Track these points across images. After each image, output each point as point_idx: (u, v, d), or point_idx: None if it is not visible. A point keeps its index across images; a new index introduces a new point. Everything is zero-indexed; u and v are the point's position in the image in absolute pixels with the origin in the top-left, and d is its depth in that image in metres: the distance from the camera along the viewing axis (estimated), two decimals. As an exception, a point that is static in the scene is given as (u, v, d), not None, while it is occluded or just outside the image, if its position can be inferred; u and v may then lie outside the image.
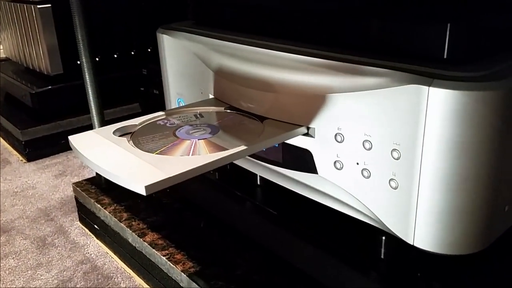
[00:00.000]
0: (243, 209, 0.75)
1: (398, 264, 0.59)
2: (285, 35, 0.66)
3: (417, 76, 0.48)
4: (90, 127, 1.00)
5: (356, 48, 0.57)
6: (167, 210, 0.91)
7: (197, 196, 0.86)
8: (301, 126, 0.59)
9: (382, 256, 0.60)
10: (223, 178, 0.82)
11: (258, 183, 0.79)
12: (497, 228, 0.53)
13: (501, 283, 0.57)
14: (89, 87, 0.94)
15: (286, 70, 0.60)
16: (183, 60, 0.78)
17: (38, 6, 1.36)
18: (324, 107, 0.57)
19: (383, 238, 0.61)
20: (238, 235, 0.79)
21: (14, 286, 0.86)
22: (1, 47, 1.75)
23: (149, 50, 1.55)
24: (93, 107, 0.96)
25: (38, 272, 0.90)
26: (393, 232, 0.54)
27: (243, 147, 0.53)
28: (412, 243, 0.52)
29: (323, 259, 0.63)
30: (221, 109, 0.68)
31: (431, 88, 0.46)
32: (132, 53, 1.55)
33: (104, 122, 0.98)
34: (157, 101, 1.42)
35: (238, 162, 0.75)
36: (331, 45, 0.60)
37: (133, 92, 1.51)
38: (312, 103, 0.58)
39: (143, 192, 0.45)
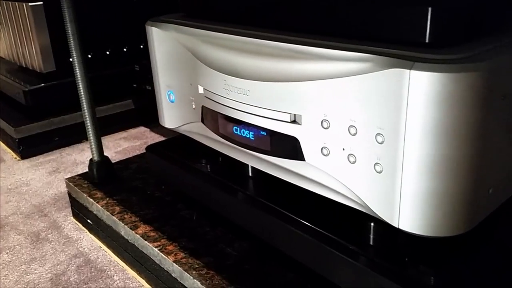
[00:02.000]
0: (234, 200, 0.75)
1: (387, 250, 0.59)
2: (272, 24, 0.67)
3: (398, 60, 0.48)
4: (84, 124, 1.00)
5: (340, 34, 0.58)
6: (159, 203, 0.91)
7: (188, 189, 0.86)
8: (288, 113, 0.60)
9: (371, 242, 0.61)
10: (214, 170, 0.83)
11: (250, 174, 0.80)
12: (482, 210, 0.54)
13: (487, 265, 0.58)
14: (80, 82, 0.95)
15: (272, 58, 0.61)
16: (172, 52, 0.78)
17: (30, 4, 1.36)
18: (310, 94, 0.57)
19: (372, 224, 0.62)
20: (229, 225, 0.79)
21: (8, 281, 0.87)
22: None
23: (141, 46, 1.55)
24: (84, 102, 0.96)
25: (32, 267, 0.90)
26: (378, 216, 0.55)
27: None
28: (397, 226, 0.53)
29: (312, 247, 0.63)
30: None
31: (412, 71, 0.47)
32: (125, 49, 1.55)
33: (95, 118, 0.99)
34: (149, 97, 1.43)
35: (228, 153, 0.76)
36: (315, 32, 0.60)
37: (126, 89, 1.51)
38: (298, 90, 0.58)
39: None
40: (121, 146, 1.43)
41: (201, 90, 0.73)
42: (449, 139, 0.48)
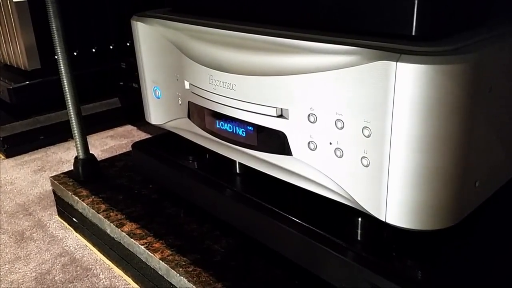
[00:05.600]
0: (220, 197, 0.75)
1: (375, 244, 0.59)
2: (258, 18, 0.66)
3: (384, 53, 0.48)
4: (69, 122, 0.99)
5: (326, 27, 0.58)
6: (145, 200, 0.90)
7: (175, 186, 0.86)
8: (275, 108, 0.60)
9: (359, 237, 0.61)
10: (201, 167, 0.82)
11: (237, 171, 0.79)
12: (468, 203, 0.54)
13: (474, 258, 0.58)
14: (64, 78, 0.93)
15: (258, 52, 0.60)
16: (158, 47, 0.77)
17: (14, 1, 1.34)
18: (296, 88, 0.57)
19: (360, 218, 0.61)
20: (216, 222, 0.79)
21: (-9, 280, 0.85)
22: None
23: (128, 44, 1.54)
24: (68, 99, 0.95)
25: (16, 266, 0.89)
26: (366, 210, 0.55)
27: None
28: (384, 220, 0.53)
29: (300, 242, 0.63)
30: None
31: (398, 63, 0.46)
32: (111, 47, 1.54)
33: (80, 115, 0.98)
34: (136, 95, 1.41)
35: (216, 149, 0.75)
36: (301, 26, 0.60)
37: (112, 87, 1.50)
38: (284, 84, 0.58)
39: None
40: (108, 144, 1.42)
41: (187, 85, 0.73)
42: (435, 131, 0.47)
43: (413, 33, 0.50)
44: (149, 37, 0.78)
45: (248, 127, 0.64)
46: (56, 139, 1.43)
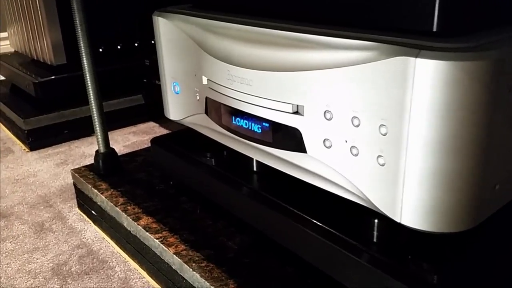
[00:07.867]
0: (236, 194, 0.74)
1: (390, 247, 0.57)
2: (277, 13, 0.66)
3: (403, 48, 0.47)
4: (93, 117, 1.00)
5: (344, 22, 0.57)
6: (163, 195, 0.91)
7: (192, 182, 0.86)
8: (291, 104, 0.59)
9: (375, 239, 0.59)
10: (218, 164, 0.82)
11: (254, 168, 0.78)
12: (487, 207, 0.52)
13: (491, 263, 0.56)
14: (87, 72, 0.94)
15: (275, 47, 0.60)
16: (178, 43, 0.77)
17: (42, -3, 1.37)
18: (313, 84, 0.56)
19: (376, 220, 0.60)
20: (231, 219, 0.78)
21: (10, 269, 0.86)
22: (9, 41, 1.76)
23: (152, 41, 1.55)
24: (91, 93, 0.96)
25: (34, 256, 0.90)
26: (381, 211, 0.53)
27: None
28: (399, 221, 0.51)
29: (314, 242, 0.62)
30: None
31: (417, 59, 0.45)
32: (136, 44, 1.55)
33: (102, 109, 0.99)
34: (159, 92, 1.42)
35: (232, 145, 0.75)
36: (319, 21, 0.59)
37: (136, 84, 1.51)
38: (300, 80, 0.57)
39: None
40: (130, 140, 1.43)
41: (205, 81, 0.73)
42: (454, 130, 0.46)
43: (434, 29, 0.49)
44: (169, 32, 0.78)
45: (264, 124, 0.64)
46: (80, 134, 1.45)
